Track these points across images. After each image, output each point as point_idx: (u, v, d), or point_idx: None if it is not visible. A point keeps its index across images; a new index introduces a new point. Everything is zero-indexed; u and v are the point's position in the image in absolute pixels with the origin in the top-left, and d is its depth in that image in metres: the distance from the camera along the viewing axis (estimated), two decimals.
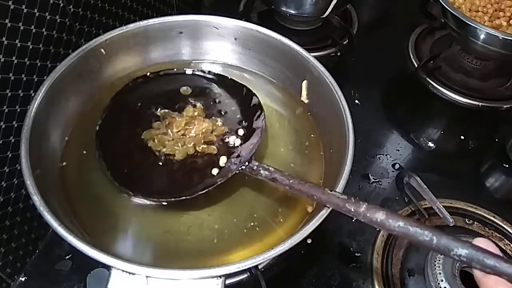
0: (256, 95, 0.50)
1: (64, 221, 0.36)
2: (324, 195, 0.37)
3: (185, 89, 0.51)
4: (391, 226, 0.33)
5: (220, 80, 0.52)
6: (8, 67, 0.42)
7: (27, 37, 0.43)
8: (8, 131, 0.44)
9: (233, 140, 0.46)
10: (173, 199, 0.42)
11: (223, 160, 0.44)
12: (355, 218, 0.36)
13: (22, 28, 0.42)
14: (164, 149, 0.45)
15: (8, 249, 0.48)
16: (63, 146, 0.47)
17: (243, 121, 0.48)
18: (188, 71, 0.53)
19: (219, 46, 0.57)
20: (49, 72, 0.46)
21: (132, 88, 0.50)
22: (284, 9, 0.76)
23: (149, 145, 0.45)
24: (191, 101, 0.50)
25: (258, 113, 0.48)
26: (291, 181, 0.40)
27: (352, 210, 0.36)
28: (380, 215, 0.34)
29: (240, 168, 0.43)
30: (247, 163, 0.43)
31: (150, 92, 0.51)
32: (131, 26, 0.52)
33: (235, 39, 0.56)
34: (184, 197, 0.42)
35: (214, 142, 0.46)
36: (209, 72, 0.53)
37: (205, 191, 0.42)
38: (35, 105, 0.42)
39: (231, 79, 0.52)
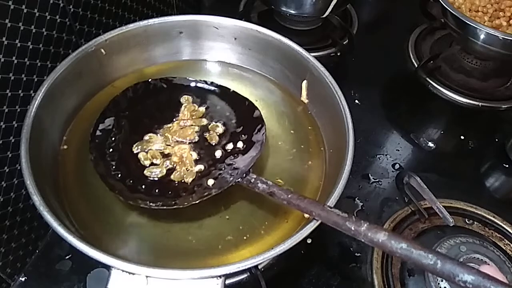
0: (257, 109, 0.49)
1: (64, 221, 0.36)
2: (323, 212, 0.36)
3: (185, 99, 0.50)
4: (393, 247, 0.32)
5: (222, 91, 0.51)
6: (8, 67, 0.42)
7: (27, 37, 0.43)
8: (8, 131, 0.44)
9: (231, 151, 0.46)
10: (165, 207, 0.41)
11: (215, 173, 0.44)
12: None
13: (22, 28, 0.42)
14: (156, 161, 0.45)
15: (8, 249, 0.48)
16: (63, 145, 0.47)
17: (243, 134, 0.47)
18: (190, 80, 0.52)
19: (219, 46, 0.57)
20: (49, 72, 0.46)
21: (131, 94, 0.50)
22: (284, 9, 0.76)
23: (139, 156, 0.45)
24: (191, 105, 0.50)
25: (259, 127, 0.47)
26: (289, 196, 0.39)
27: (352, 229, 0.34)
28: (381, 236, 0.33)
29: (237, 180, 0.42)
30: (244, 175, 0.42)
31: (149, 99, 0.50)
32: (131, 26, 0.52)
33: (235, 39, 0.55)
34: (176, 206, 0.41)
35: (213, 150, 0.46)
36: (212, 83, 0.52)
37: (198, 201, 0.41)
38: (35, 105, 0.42)
39: (233, 91, 0.51)
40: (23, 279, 0.50)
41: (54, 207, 0.38)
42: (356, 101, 0.73)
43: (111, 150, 0.45)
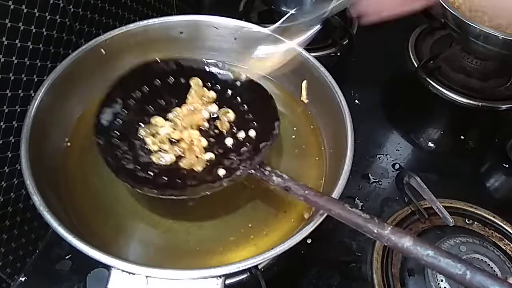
0: (271, 96, 0.47)
1: (64, 221, 0.36)
2: (343, 211, 0.34)
3: (195, 82, 0.47)
4: (419, 254, 0.30)
5: (235, 76, 0.48)
6: (8, 67, 0.42)
7: (27, 37, 0.43)
8: (8, 131, 0.44)
9: (243, 139, 0.43)
10: (173, 197, 0.39)
11: (227, 162, 0.42)
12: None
13: (22, 28, 0.42)
14: (164, 146, 0.43)
15: (8, 249, 0.48)
16: (63, 145, 0.47)
17: (255, 122, 0.45)
18: (201, 62, 0.49)
19: (219, 46, 0.57)
20: (49, 72, 0.46)
21: (139, 74, 0.47)
22: (284, 9, 0.76)
23: (146, 141, 0.43)
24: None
25: (271, 114, 0.45)
26: (306, 192, 0.36)
27: (375, 231, 0.32)
28: (406, 241, 0.31)
29: (250, 172, 0.40)
30: (258, 167, 0.40)
31: (157, 81, 0.47)
32: (131, 26, 0.52)
33: (235, 39, 0.55)
34: (185, 197, 0.40)
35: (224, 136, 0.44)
36: (224, 66, 0.48)
37: (209, 193, 0.40)
38: (35, 105, 0.42)
39: (246, 76, 0.48)
40: (23, 279, 0.50)
41: (54, 207, 0.38)
42: (356, 101, 0.73)
43: (117, 133, 0.43)
